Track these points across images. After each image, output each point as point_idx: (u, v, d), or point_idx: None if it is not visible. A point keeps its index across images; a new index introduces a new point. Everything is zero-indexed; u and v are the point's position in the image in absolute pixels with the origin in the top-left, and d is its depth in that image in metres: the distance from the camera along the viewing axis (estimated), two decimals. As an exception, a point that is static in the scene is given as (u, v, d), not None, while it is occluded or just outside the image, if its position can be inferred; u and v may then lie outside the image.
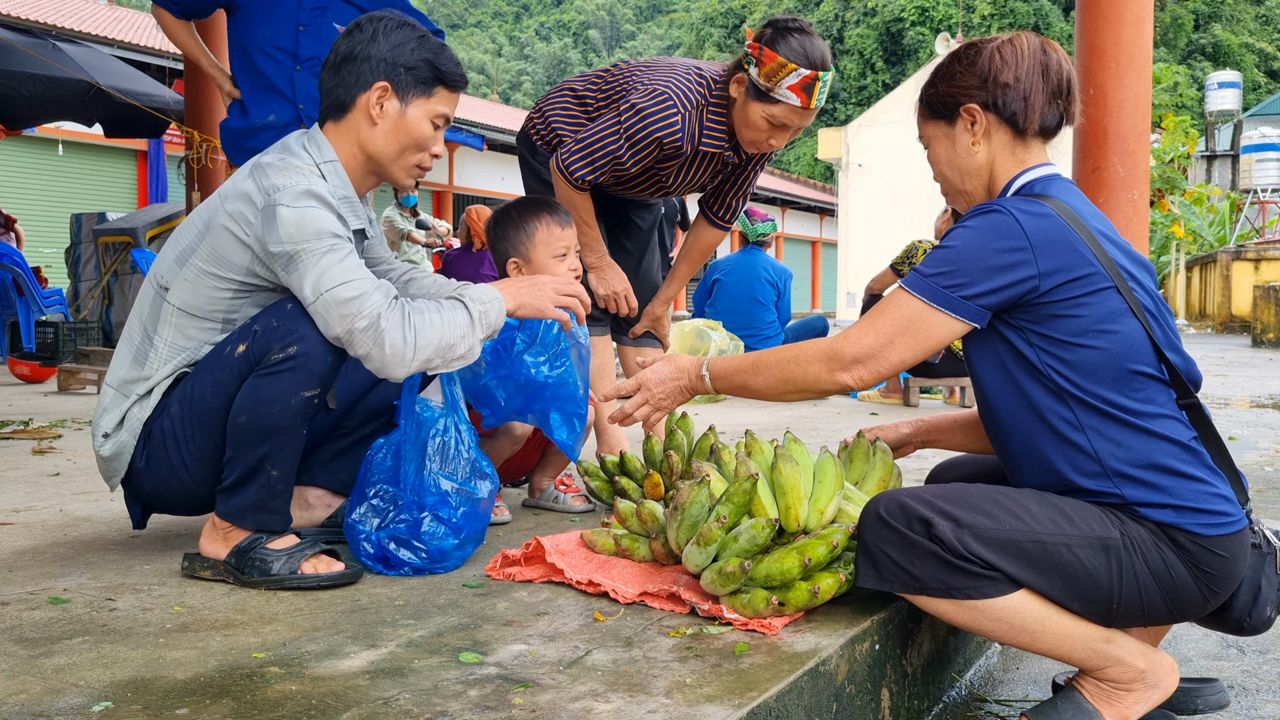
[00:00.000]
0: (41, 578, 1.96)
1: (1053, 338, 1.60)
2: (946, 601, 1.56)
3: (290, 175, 1.89)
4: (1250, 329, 15.66)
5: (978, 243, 1.61)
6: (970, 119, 1.74)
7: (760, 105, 2.69)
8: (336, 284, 1.83)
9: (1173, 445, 1.57)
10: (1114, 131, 4.01)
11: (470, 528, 2.03)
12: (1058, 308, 1.59)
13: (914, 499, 1.59)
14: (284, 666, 1.49)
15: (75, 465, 3.38)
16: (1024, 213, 1.61)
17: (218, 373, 1.88)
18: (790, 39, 2.62)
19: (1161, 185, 25.68)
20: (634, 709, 1.33)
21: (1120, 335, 1.59)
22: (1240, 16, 47.45)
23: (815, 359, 1.70)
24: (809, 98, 2.65)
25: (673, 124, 2.73)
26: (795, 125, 2.74)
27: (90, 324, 8.06)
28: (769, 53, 2.62)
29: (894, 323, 1.64)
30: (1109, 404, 1.58)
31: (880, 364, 1.65)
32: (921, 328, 1.63)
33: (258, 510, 1.91)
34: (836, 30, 48.20)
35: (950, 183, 1.81)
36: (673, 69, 2.83)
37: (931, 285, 1.62)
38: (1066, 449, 1.60)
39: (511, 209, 2.62)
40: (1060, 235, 1.60)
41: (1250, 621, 1.65)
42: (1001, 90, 1.71)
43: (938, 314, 1.62)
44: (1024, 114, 1.71)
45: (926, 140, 1.83)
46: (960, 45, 1.81)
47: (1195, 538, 1.55)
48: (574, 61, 63.06)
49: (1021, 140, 1.74)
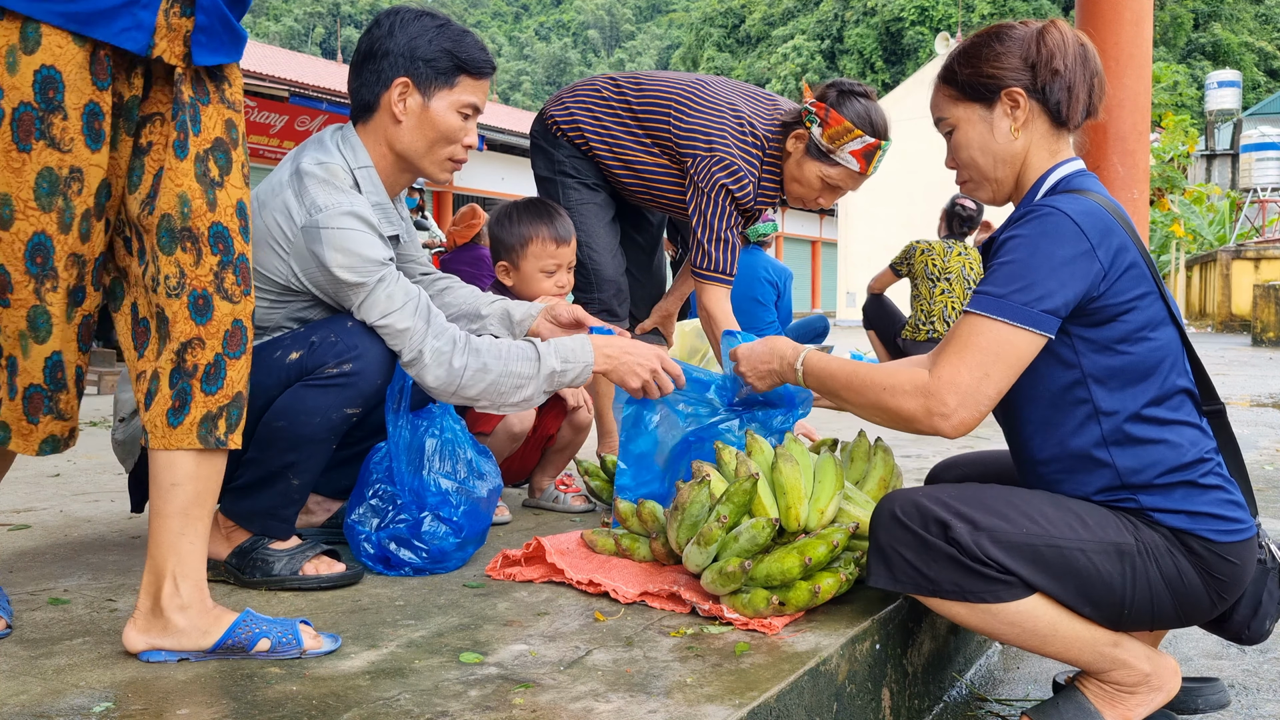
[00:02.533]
0: (42, 578, 1.96)
1: (1095, 342, 1.56)
2: (960, 604, 1.55)
3: (332, 193, 1.88)
4: (1250, 328, 15.65)
5: (1044, 250, 1.52)
6: (1012, 103, 1.66)
7: (818, 164, 2.72)
8: (380, 316, 1.87)
9: (1193, 453, 1.56)
10: (1114, 131, 4.01)
11: (471, 527, 2.03)
12: (1109, 310, 1.55)
13: (930, 500, 1.57)
14: (284, 666, 1.49)
15: (75, 466, 3.38)
16: (1075, 209, 1.55)
17: (260, 374, 1.84)
18: (856, 103, 2.65)
19: (1161, 184, 25.71)
20: (634, 709, 1.33)
21: (1157, 342, 1.57)
22: (1240, 15, 47.45)
23: (911, 394, 1.56)
24: (868, 164, 2.69)
25: (746, 195, 2.78)
26: (847, 188, 2.77)
27: (90, 324, 8.05)
28: (835, 115, 2.64)
29: (983, 352, 1.52)
30: (1137, 413, 1.56)
31: (981, 402, 1.53)
32: (1011, 352, 1.52)
33: (267, 516, 1.91)
34: (836, 30, 48.20)
35: (979, 169, 1.72)
36: (721, 116, 2.80)
37: (1012, 305, 1.52)
38: (1089, 453, 1.58)
39: (516, 210, 2.60)
40: (1110, 228, 1.56)
41: (1249, 633, 1.65)
42: (1051, 77, 1.64)
43: (1023, 333, 1.52)
44: (1067, 104, 1.65)
45: (954, 122, 1.73)
46: (986, 28, 1.73)
47: (1209, 544, 1.54)
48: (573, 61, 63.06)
49: (1057, 132, 1.68)
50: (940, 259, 5.69)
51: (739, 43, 52.86)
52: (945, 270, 5.64)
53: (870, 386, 1.64)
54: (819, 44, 48.50)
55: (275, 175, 1.97)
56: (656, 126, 2.85)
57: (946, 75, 1.74)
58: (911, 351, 5.54)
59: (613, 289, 2.95)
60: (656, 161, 2.88)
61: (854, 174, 2.71)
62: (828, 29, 48.39)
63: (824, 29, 48.70)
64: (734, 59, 51.45)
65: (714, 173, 2.75)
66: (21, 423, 1.51)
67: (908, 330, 5.62)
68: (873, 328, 5.88)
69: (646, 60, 61.91)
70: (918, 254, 5.76)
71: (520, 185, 19.33)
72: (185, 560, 1.52)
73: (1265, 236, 24.55)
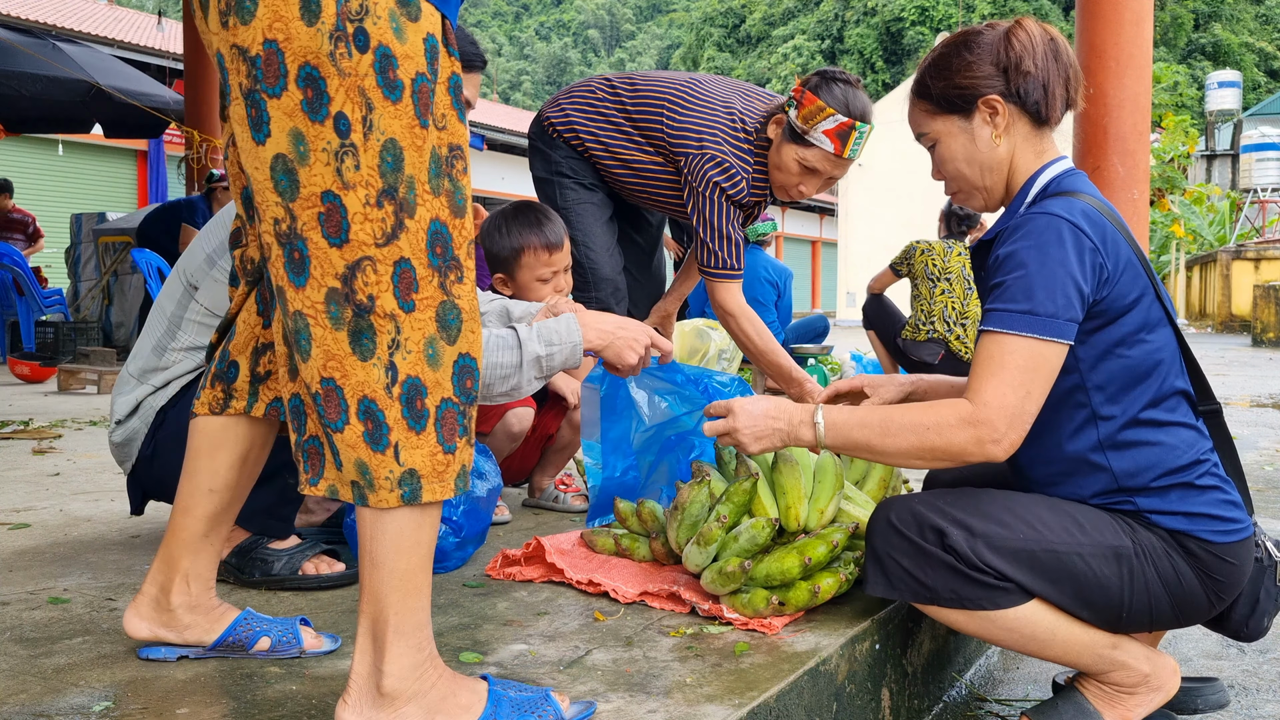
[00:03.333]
0: (42, 578, 1.96)
1: (1095, 346, 1.55)
2: (958, 612, 1.55)
3: None
4: (1250, 328, 15.65)
5: (1053, 258, 1.50)
6: (990, 110, 1.65)
7: (794, 147, 2.71)
8: None
9: (1189, 455, 1.56)
10: (1114, 131, 4.01)
11: (471, 527, 2.03)
12: (1111, 313, 1.54)
13: (926, 507, 1.56)
14: (284, 666, 1.49)
15: (75, 465, 3.38)
16: (1072, 213, 1.54)
17: None
18: (834, 87, 2.66)
19: (1161, 185, 25.69)
20: (634, 709, 1.33)
21: (1154, 344, 1.56)
22: (1240, 16, 47.45)
23: (957, 426, 1.50)
24: (843, 145, 2.66)
25: (739, 190, 2.79)
26: (826, 173, 2.75)
27: (90, 324, 8.06)
28: (809, 96, 2.65)
29: (1020, 370, 1.49)
30: (1135, 416, 1.56)
31: (1027, 421, 1.49)
32: (1045, 365, 1.49)
33: (266, 515, 1.90)
34: (836, 30, 48.21)
35: (967, 180, 1.71)
36: (713, 114, 2.81)
37: (1039, 320, 1.49)
38: (1085, 457, 1.58)
39: (504, 220, 2.54)
40: (1105, 229, 1.55)
41: (1247, 631, 1.65)
42: (1023, 79, 1.62)
43: (1053, 345, 1.49)
44: (1045, 103, 1.63)
45: (935, 137, 1.71)
46: (953, 36, 1.71)
47: (1206, 545, 1.54)
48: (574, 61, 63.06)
49: (1039, 130, 1.67)
50: (940, 259, 5.69)
51: (739, 43, 52.88)
52: (945, 270, 5.64)
53: (911, 429, 1.54)
54: (819, 44, 48.51)
55: None
56: (650, 127, 2.86)
57: (920, 90, 1.71)
58: (911, 352, 5.54)
59: (610, 287, 2.95)
60: (652, 160, 2.89)
61: (829, 156, 2.68)
62: (828, 29, 48.39)
63: (824, 29, 48.71)
64: (734, 59, 51.46)
65: (707, 171, 2.75)
66: (436, 456, 1.19)
67: (908, 330, 5.62)
68: (873, 328, 5.87)
69: (647, 60, 61.93)
70: (918, 254, 5.76)
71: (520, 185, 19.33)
72: (201, 562, 1.51)
73: (1265, 237, 24.55)
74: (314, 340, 1.16)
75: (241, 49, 1.14)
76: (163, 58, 13.76)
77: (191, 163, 8.54)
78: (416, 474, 1.17)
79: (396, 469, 1.16)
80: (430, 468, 1.18)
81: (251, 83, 1.15)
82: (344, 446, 1.16)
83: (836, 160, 2.70)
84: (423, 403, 1.18)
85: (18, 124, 9.11)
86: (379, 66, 1.15)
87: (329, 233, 1.15)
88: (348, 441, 1.16)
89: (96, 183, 15.72)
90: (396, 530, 1.18)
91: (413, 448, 1.17)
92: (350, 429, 1.16)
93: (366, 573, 1.19)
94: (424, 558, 1.20)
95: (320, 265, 1.15)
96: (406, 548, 1.18)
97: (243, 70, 1.15)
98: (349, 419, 1.16)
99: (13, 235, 9.45)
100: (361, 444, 1.16)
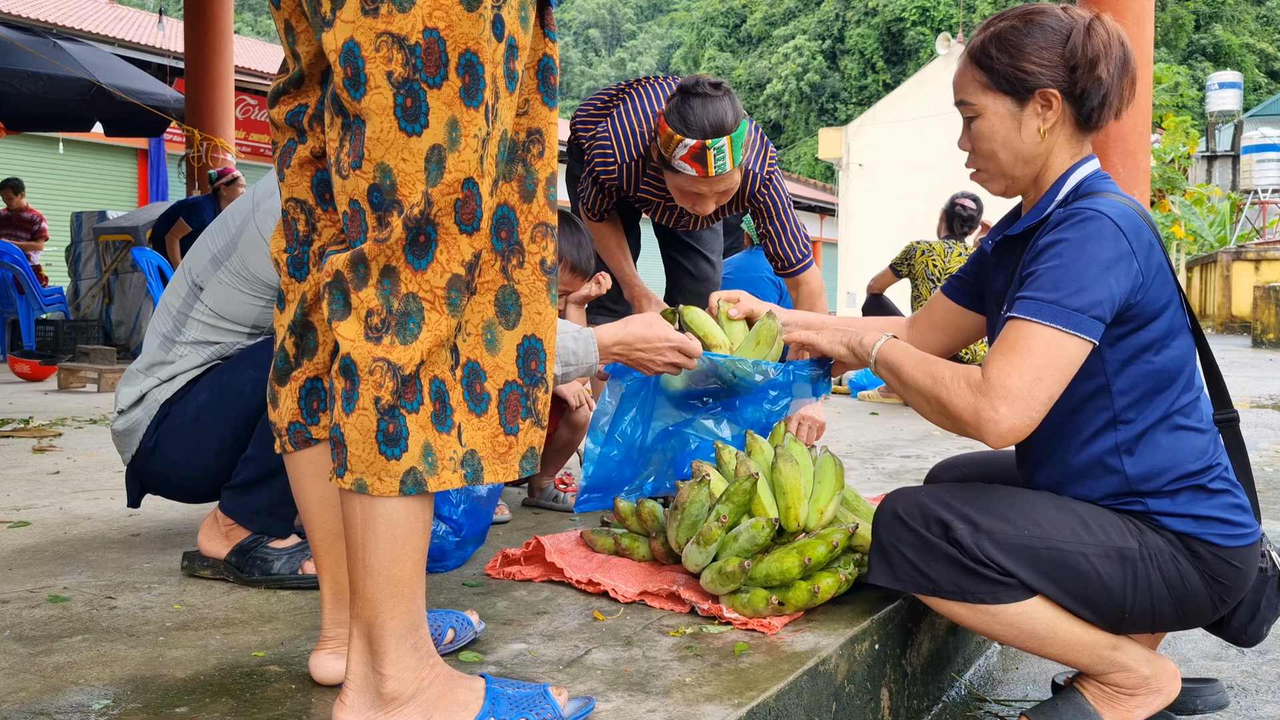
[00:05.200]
0: (41, 576, 1.96)
1: (1123, 349, 1.54)
2: (959, 605, 1.55)
3: None
4: (1250, 329, 15.64)
5: (1090, 253, 1.47)
6: (1044, 103, 1.57)
7: (669, 174, 2.56)
8: None
9: (1203, 460, 1.56)
10: (1114, 131, 4.01)
11: (471, 526, 2.03)
12: (1143, 317, 1.52)
13: (933, 499, 1.57)
14: (284, 665, 1.49)
15: (75, 464, 3.38)
16: (1115, 212, 1.51)
17: (262, 372, 1.82)
18: (686, 105, 2.41)
19: (1162, 185, 25.68)
20: (634, 708, 1.33)
21: (1177, 350, 1.56)
22: (1241, 17, 47.43)
23: (965, 390, 1.50)
24: (704, 167, 2.44)
25: (610, 171, 2.81)
26: (707, 193, 2.54)
27: (90, 322, 8.06)
28: (662, 123, 2.46)
29: (1034, 357, 1.46)
30: (1155, 421, 1.55)
31: (1032, 407, 1.45)
32: (1064, 357, 1.46)
33: (266, 514, 1.90)
34: (837, 30, 48.19)
35: (999, 163, 1.63)
36: (644, 110, 2.78)
37: (1064, 311, 1.46)
38: (1101, 460, 1.58)
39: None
40: (1140, 229, 1.53)
41: (1246, 636, 1.66)
42: (1093, 83, 1.55)
43: (1075, 339, 1.46)
44: (1100, 112, 1.58)
45: (979, 110, 1.62)
46: (1025, 11, 1.60)
47: (1214, 548, 1.54)
48: (574, 61, 63.04)
49: (1081, 134, 1.62)
50: (940, 259, 5.69)
51: (740, 42, 52.86)
52: (945, 271, 5.64)
53: (930, 376, 1.56)
54: (820, 44, 48.47)
55: (273, 174, 1.97)
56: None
57: (979, 58, 1.61)
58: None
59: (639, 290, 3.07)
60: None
61: (697, 179, 2.49)
62: (829, 29, 48.35)
63: (825, 29, 48.67)
64: (735, 59, 51.44)
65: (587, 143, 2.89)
66: (498, 438, 1.20)
67: (908, 330, 5.62)
68: (873, 328, 5.87)
69: (648, 60, 61.89)
70: (918, 254, 5.76)
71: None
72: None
73: (1266, 238, 24.54)
74: (426, 325, 1.14)
75: (397, 37, 1.10)
76: (164, 56, 13.74)
77: (192, 161, 8.54)
78: (477, 455, 1.19)
79: (460, 449, 1.17)
80: (491, 449, 1.19)
81: (409, 71, 1.10)
82: (414, 428, 1.15)
83: (709, 179, 2.49)
84: (482, 386, 1.19)
85: (18, 122, 9.11)
86: (507, 55, 1.16)
87: (462, 219, 1.15)
88: (419, 422, 1.15)
89: (97, 181, 15.71)
90: (390, 535, 1.17)
91: (474, 429, 1.18)
92: (424, 409, 1.15)
93: (359, 579, 1.18)
94: (417, 562, 1.20)
95: (448, 250, 1.15)
96: (400, 553, 1.18)
97: (397, 59, 1.11)
98: (423, 399, 1.15)
99: (18, 233, 9.45)
100: (429, 425, 1.15)
